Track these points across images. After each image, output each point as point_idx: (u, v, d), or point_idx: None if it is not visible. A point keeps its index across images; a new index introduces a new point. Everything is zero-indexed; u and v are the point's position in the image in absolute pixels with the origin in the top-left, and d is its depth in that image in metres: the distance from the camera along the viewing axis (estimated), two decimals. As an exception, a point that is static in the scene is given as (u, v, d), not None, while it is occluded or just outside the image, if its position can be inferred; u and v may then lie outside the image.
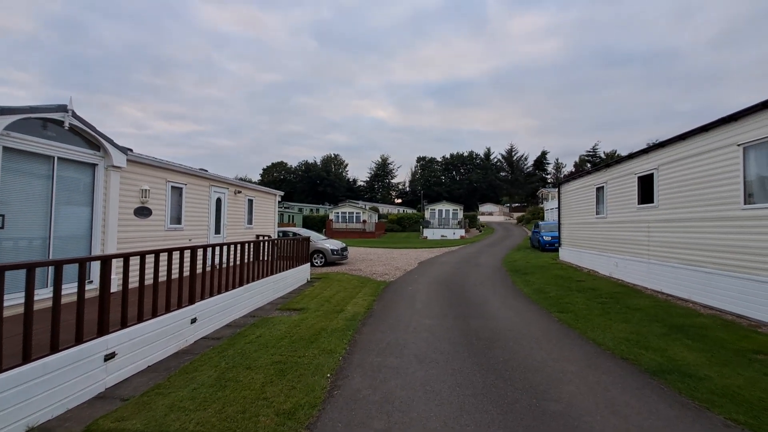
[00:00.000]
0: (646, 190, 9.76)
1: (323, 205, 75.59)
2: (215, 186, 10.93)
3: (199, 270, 6.23)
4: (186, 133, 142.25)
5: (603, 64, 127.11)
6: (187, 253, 5.78)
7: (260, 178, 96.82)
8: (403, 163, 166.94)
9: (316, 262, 15.93)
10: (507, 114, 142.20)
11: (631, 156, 10.55)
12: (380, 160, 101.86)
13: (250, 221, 13.39)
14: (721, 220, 7.04)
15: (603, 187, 12.46)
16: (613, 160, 11.86)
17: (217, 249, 6.84)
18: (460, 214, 43.31)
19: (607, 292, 9.22)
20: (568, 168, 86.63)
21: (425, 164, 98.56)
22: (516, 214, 66.46)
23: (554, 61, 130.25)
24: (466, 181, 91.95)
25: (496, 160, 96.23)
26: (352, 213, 47.25)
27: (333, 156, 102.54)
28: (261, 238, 11.30)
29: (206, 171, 10.85)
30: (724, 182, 7.00)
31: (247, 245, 7.75)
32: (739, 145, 6.66)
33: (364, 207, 53.22)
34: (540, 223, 23.91)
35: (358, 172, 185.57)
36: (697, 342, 5.46)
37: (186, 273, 5.70)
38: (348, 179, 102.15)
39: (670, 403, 3.84)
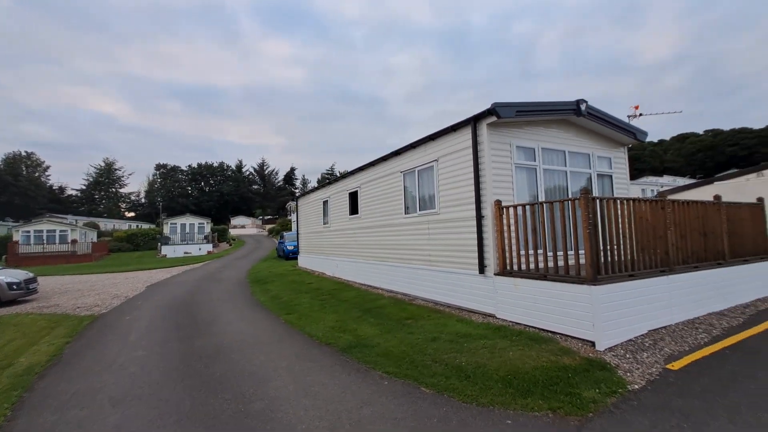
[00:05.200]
0: (354, 203, 11.93)
1: (5, 222, 52.63)
2: None
3: None
4: None
5: (340, 99, 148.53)
6: None
7: None
8: (137, 170, 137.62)
9: (-26, 305, 10.81)
10: (261, 129, 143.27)
11: (344, 176, 12.68)
12: (103, 164, 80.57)
13: None
14: (394, 226, 9.45)
15: (327, 200, 14.37)
16: (333, 178, 13.91)
17: None
18: (208, 228, 39.87)
19: (328, 290, 10.63)
20: (313, 183, 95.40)
21: (167, 173, 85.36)
22: (268, 226, 67.37)
23: (303, 89, 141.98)
24: (217, 193, 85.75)
25: (248, 173, 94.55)
26: (54, 231, 35.01)
27: (24, 154, 73.47)
28: None
29: None
30: (395, 198, 9.44)
31: None
32: (401, 172, 9.15)
33: (74, 223, 40.60)
34: (284, 233, 25.09)
35: (72, 178, 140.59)
36: (377, 319, 7.06)
37: None
38: (51, 186, 75.56)
39: (350, 371, 4.76)
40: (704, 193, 11.31)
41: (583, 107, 7.19)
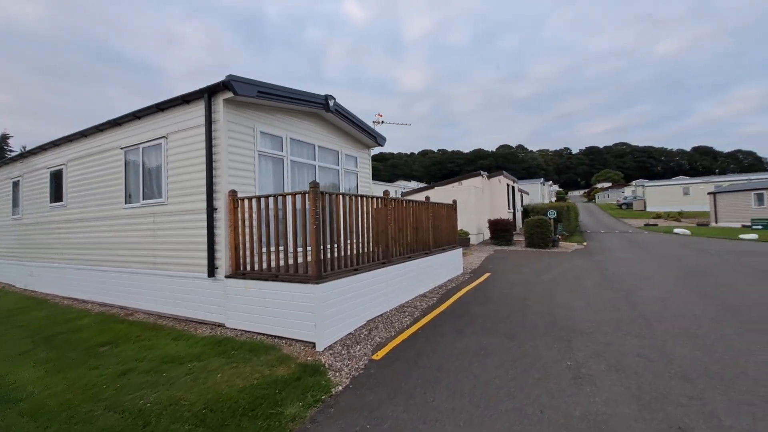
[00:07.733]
0: (58, 187, 8.37)
1: None
2: None
3: None
4: None
5: (99, 57, 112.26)
6: None
7: None
8: None
9: None
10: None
11: (44, 148, 8.76)
12: None
13: None
14: (112, 219, 7.01)
15: (19, 181, 9.74)
16: (28, 151, 9.44)
17: None
18: None
19: (1, 312, 7.00)
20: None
21: None
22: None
23: (40, 33, 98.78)
24: None
25: None
26: None
27: None
28: None
29: None
30: (114, 182, 6.99)
31: None
32: (121, 148, 6.83)
33: None
34: (-47, 227, 16.11)
35: None
36: (56, 351, 4.81)
37: None
38: None
39: (-71, 466, 2.73)
40: (430, 195, 13.85)
41: (331, 103, 7.11)
